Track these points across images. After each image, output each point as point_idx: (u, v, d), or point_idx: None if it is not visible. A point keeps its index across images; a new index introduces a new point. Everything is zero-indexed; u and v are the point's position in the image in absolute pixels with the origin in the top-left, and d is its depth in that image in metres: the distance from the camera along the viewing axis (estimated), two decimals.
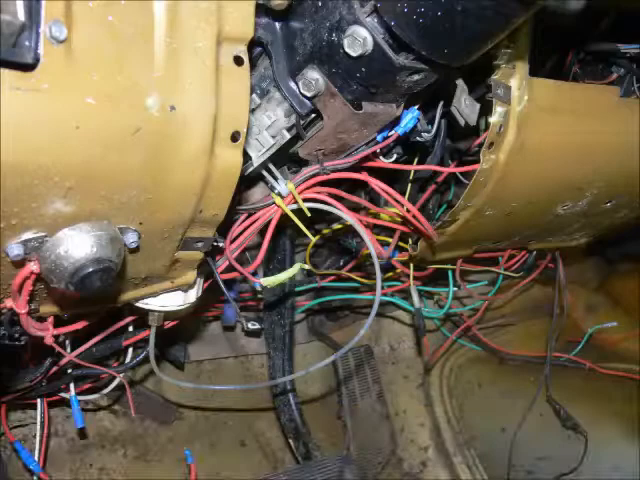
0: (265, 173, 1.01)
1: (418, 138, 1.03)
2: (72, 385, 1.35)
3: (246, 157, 0.94)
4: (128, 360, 1.33)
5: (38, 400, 1.38)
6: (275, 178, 1.00)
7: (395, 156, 1.10)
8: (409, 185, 1.27)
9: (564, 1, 0.67)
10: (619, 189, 1.29)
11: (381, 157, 1.08)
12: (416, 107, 0.96)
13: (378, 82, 0.83)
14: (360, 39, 0.76)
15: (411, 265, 1.47)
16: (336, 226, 1.44)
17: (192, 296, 1.06)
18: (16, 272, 0.72)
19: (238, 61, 0.71)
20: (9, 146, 0.57)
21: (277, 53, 0.88)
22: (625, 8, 1.05)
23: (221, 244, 0.97)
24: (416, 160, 1.21)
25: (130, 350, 1.34)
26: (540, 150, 1.05)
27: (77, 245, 0.68)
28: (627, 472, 1.75)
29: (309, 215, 0.99)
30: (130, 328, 1.26)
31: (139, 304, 1.02)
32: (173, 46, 0.64)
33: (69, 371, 1.30)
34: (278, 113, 0.93)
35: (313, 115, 0.94)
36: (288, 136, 0.95)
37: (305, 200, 0.98)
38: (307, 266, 1.33)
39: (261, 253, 1.03)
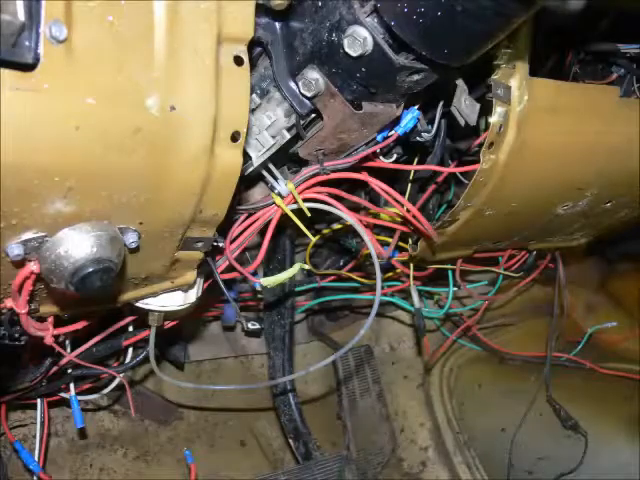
0: (265, 173, 1.01)
1: (418, 138, 1.03)
2: (72, 385, 1.35)
3: (246, 157, 0.94)
4: (128, 360, 1.33)
5: (38, 400, 1.38)
6: (275, 178, 1.00)
7: (395, 156, 1.10)
8: (409, 185, 1.27)
9: (564, 1, 0.67)
10: (619, 189, 1.29)
11: (381, 157, 1.08)
12: (416, 107, 0.96)
13: (378, 82, 0.83)
14: (360, 39, 0.76)
15: (411, 265, 1.47)
16: (336, 226, 1.44)
17: (192, 296, 1.06)
18: (16, 272, 0.72)
19: (238, 61, 0.71)
20: (9, 146, 0.57)
21: (277, 53, 0.88)
22: (625, 8, 1.05)
23: (221, 244, 0.97)
24: (416, 160, 1.21)
25: (130, 350, 1.34)
26: (540, 150, 1.05)
27: (77, 245, 0.68)
28: (627, 472, 1.75)
29: (309, 215, 0.99)
30: (130, 328, 1.26)
31: (139, 304, 1.02)
32: (173, 46, 0.64)
33: (69, 371, 1.30)
34: (278, 113, 0.93)
35: (313, 115, 0.94)
36: (288, 136, 0.95)
37: (305, 200, 0.98)
38: (307, 266, 1.33)
39: (261, 253, 1.03)
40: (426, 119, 1.04)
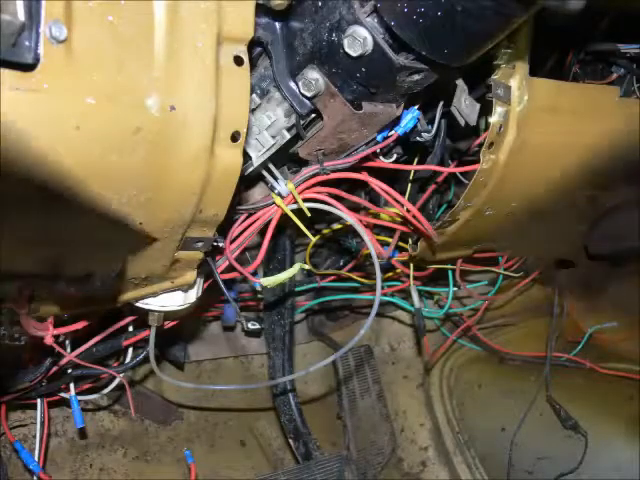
0: (265, 173, 1.01)
1: (418, 138, 1.03)
2: (72, 385, 1.34)
3: (246, 157, 0.94)
4: (128, 360, 1.33)
5: (38, 400, 1.38)
6: (275, 178, 1.00)
7: (395, 156, 1.10)
8: (409, 185, 1.27)
9: (564, 1, 0.67)
10: (619, 189, 1.29)
11: (381, 157, 1.08)
12: (416, 107, 0.96)
13: (378, 82, 0.83)
14: (360, 39, 0.76)
15: (411, 265, 1.47)
16: (336, 226, 1.44)
17: (192, 296, 1.06)
18: None
19: (238, 61, 0.71)
20: (9, 146, 0.57)
21: (277, 53, 0.88)
22: (625, 8, 1.05)
23: (221, 244, 0.97)
24: (416, 160, 1.21)
25: (130, 350, 1.34)
26: (540, 150, 1.05)
27: None
28: (627, 472, 1.75)
29: (309, 215, 0.99)
30: (130, 328, 1.26)
31: (139, 304, 1.02)
32: (173, 46, 0.65)
33: (69, 371, 1.30)
34: (278, 113, 0.93)
35: (313, 115, 0.94)
36: (288, 136, 0.95)
37: (305, 200, 0.98)
38: (307, 266, 1.33)
39: (261, 253, 1.03)
40: (426, 119, 1.04)
